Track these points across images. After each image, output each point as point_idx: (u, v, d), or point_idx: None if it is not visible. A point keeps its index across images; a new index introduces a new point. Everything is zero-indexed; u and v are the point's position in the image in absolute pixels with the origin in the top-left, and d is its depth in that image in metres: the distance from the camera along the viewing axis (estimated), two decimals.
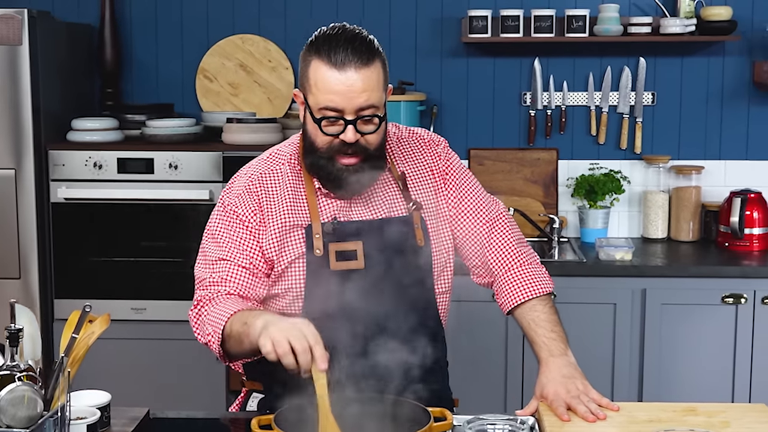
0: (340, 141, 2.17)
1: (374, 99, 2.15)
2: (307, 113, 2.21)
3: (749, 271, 3.87)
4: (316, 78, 2.15)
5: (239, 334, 2.07)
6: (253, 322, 2.03)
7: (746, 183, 4.33)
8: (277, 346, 1.90)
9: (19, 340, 1.82)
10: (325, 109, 2.15)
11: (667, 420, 2.13)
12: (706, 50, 4.35)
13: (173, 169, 3.91)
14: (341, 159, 2.19)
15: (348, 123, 2.14)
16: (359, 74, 2.12)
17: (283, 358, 1.89)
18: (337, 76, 2.12)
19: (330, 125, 2.16)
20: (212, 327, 2.14)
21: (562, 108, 4.38)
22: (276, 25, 4.44)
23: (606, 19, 4.18)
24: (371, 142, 2.19)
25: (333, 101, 2.13)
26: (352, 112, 2.14)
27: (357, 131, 2.15)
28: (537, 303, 2.33)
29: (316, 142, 2.20)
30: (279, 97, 4.43)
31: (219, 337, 2.12)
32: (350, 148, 2.17)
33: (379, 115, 2.17)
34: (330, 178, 2.22)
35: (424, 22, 4.41)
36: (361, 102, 2.13)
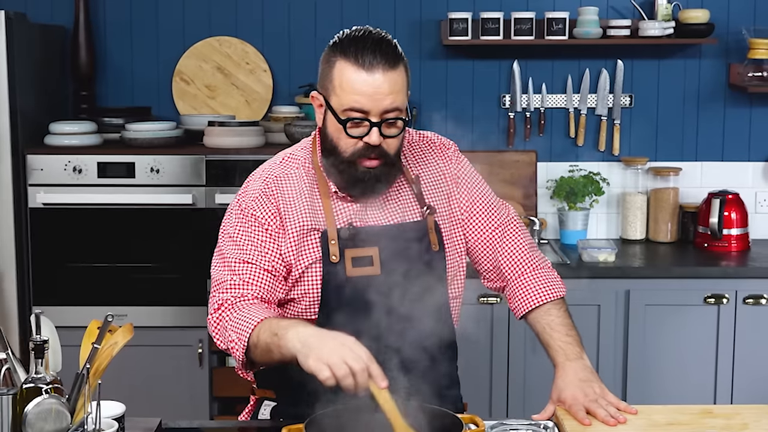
0: (363, 144, 2.15)
1: (399, 102, 2.14)
2: (329, 115, 2.19)
3: (730, 271, 3.91)
4: (341, 79, 2.13)
5: (267, 345, 2.03)
6: (284, 335, 1.99)
7: (722, 184, 4.38)
8: (336, 370, 1.86)
9: (44, 352, 1.77)
10: (351, 110, 2.13)
11: (686, 423, 2.14)
12: (683, 53, 4.39)
13: (155, 173, 3.86)
14: (363, 162, 2.17)
15: (373, 125, 2.13)
16: (386, 77, 2.11)
17: (343, 381, 1.86)
18: (364, 77, 2.11)
19: (354, 127, 2.14)
20: (237, 334, 2.10)
21: (540, 110, 4.40)
22: (253, 27, 4.40)
23: (585, 21, 4.20)
24: (392, 146, 2.18)
25: (359, 102, 2.12)
26: (378, 114, 2.13)
27: (381, 134, 2.14)
28: (551, 307, 2.33)
29: (338, 145, 2.18)
30: (257, 100, 4.39)
31: (244, 346, 2.08)
32: (373, 151, 2.15)
33: (403, 119, 2.16)
34: (350, 182, 2.20)
35: (402, 25, 4.40)
36: (387, 104, 2.12)
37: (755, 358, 3.89)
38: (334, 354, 1.87)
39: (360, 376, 1.86)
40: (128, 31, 4.41)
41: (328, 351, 1.89)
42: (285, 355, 1.98)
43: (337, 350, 1.88)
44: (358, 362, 1.86)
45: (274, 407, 2.32)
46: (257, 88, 4.40)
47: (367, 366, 1.87)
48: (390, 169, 2.22)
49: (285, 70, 4.42)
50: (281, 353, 1.99)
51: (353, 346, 1.90)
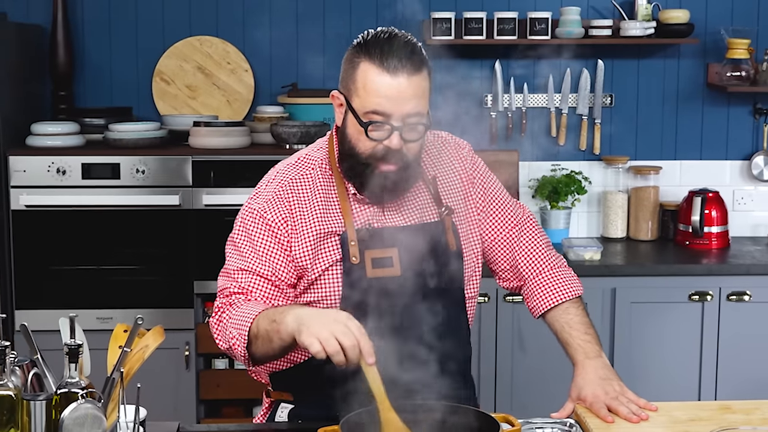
0: (383, 147, 2.13)
1: (421, 107, 2.13)
2: (349, 116, 2.17)
3: (714, 268, 3.96)
4: (365, 81, 2.12)
5: (267, 333, 2.03)
6: (282, 319, 1.99)
7: (701, 183, 4.43)
8: (326, 345, 1.87)
9: (79, 356, 1.74)
10: (373, 113, 2.11)
11: (707, 418, 2.16)
12: (662, 53, 4.43)
13: (140, 174, 3.82)
14: (381, 166, 2.16)
15: (395, 129, 2.11)
16: (410, 81, 2.10)
17: (334, 356, 1.88)
18: (388, 80, 2.09)
19: (376, 130, 2.13)
20: (236, 330, 2.09)
21: (522, 109, 4.41)
22: (234, 27, 4.37)
23: (567, 21, 4.23)
24: (412, 151, 2.17)
25: (381, 105, 2.10)
26: (400, 118, 2.11)
27: (402, 138, 2.12)
28: (569, 306, 2.34)
29: (357, 147, 2.16)
30: (239, 100, 4.36)
31: (245, 339, 2.07)
32: (393, 155, 2.14)
33: (424, 123, 2.14)
34: (368, 185, 2.19)
35: (384, 24, 4.37)
36: (410, 109, 2.11)
37: (739, 353, 3.94)
38: (325, 329, 1.89)
39: (350, 351, 1.88)
40: (107, 30, 4.36)
41: (320, 326, 1.90)
42: (284, 339, 1.99)
43: (329, 325, 1.90)
44: (348, 337, 1.88)
45: (292, 410, 2.30)
46: (239, 88, 4.37)
47: (357, 341, 1.88)
48: (408, 174, 2.20)
49: (266, 70, 4.39)
50: (281, 338, 2.00)
51: (346, 321, 1.91)
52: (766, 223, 4.48)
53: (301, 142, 3.87)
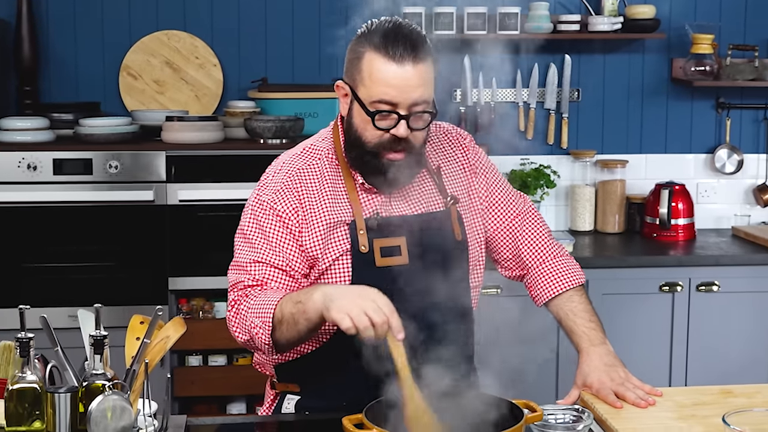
0: (390, 136, 2.14)
1: (427, 95, 2.14)
2: (355, 106, 2.17)
3: (684, 260, 4.03)
4: (371, 70, 2.12)
5: (293, 315, 2.04)
6: (308, 298, 2.01)
7: (666, 176, 4.50)
8: (357, 321, 1.90)
9: (104, 348, 1.72)
10: (380, 102, 2.12)
11: (711, 402, 2.20)
12: (628, 48, 4.49)
13: (113, 170, 3.77)
14: (387, 154, 2.16)
15: (401, 118, 2.12)
16: (416, 69, 2.10)
17: (364, 332, 1.90)
18: (395, 69, 2.09)
19: (382, 119, 2.13)
20: (258, 318, 2.09)
21: (491, 104, 4.44)
22: (202, 21, 4.33)
23: (536, 16, 4.27)
24: (418, 139, 2.18)
25: (388, 94, 2.10)
26: (406, 107, 2.12)
27: (408, 127, 2.13)
28: (573, 294, 2.36)
29: (363, 136, 2.16)
30: (207, 95, 4.33)
31: (269, 326, 2.07)
32: (399, 144, 2.14)
33: (431, 111, 2.15)
34: (375, 173, 2.19)
35: (354, 21, 4.37)
36: (416, 97, 2.11)
37: (708, 343, 4.01)
38: (356, 305, 1.91)
39: (380, 328, 1.91)
40: (72, 24, 4.29)
41: (349, 302, 1.93)
42: (311, 318, 2.00)
43: (359, 301, 1.92)
44: (378, 314, 1.90)
45: (298, 401, 2.29)
46: (207, 83, 4.33)
47: (387, 318, 1.91)
48: (414, 162, 2.21)
49: (235, 64, 4.36)
50: (307, 318, 2.01)
51: (376, 298, 1.94)
52: (728, 215, 4.57)
53: (276, 136, 3.86)
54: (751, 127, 4.57)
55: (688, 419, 2.10)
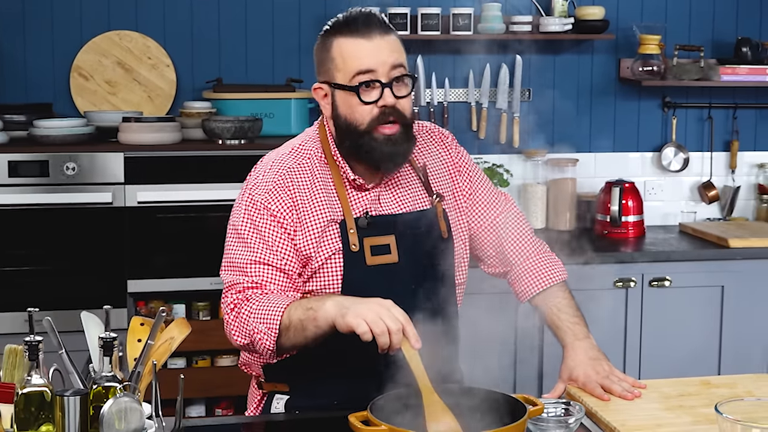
0: (379, 110, 2.17)
1: (402, 60, 2.20)
2: (338, 95, 2.21)
3: (637, 256, 4.11)
4: (342, 52, 2.18)
5: (301, 322, 2.06)
6: (320, 306, 2.03)
7: (615, 174, 4.58)
8: (374, 326, 1.93)
9: (113, 350, 1.71)
10: (358, 74, 2.16)
11: (696, 393, 2.26)
12: (577, 48, 4.57)
13: (70, 172, 3.72)
14: (383, 129, 2.18)
15: (384, 86, 2.16)
16: (383, 40, 2.18)
17: (380, 337, 1.93)
18: (364, 43, 2.16)
19: (366, 92, 2.17)
20: (263, 324, 2.10)
21: (444, 104, 4.48)
22: (155, 21, 4.29)
23: (489, 17, 4.31)
24: (406, 107, 2.21)
25: (364, 63, 2.16)
26: (386, 73, 2.16)
27: (394, 95, 2.17)
28: (557, 290, 2.41)
29: (354, 119, 2.19)
30: (161, 96, 4.29)
31: (276, 332, 2.08)
32: (390, 114, 2.18)
33: (410, 75, 2.20)
34: (374, 155, 2.20)
35: (308, 20, 4.39)
36: (392, 61, 2.17)
37: (661, 337, 4.10)
38: (372, 311, 1.95)
39: (395, 335, 1.94)
40: (21, 24, 4.22)
41: (367, 308, 1.97)
42: (320, 326, 2.03)
43: (375, 309, 1.96)
44: (394, 322, 1.94)
45: (288, 400, 2.29)
46: (160, 84, 4.29)
47: (403, 326, 1.94)
48: (407, 134, 2.23)
49: (188, 65, 4.33)
50: (317, 325, 2.04)
51: (391, 307, 1.97)
52: (675, 212, 4.67)
53: (235, 137, 3.84)
54: (696, 126, 4.68)
55: (675, 410, 2.15)
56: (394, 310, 1.95)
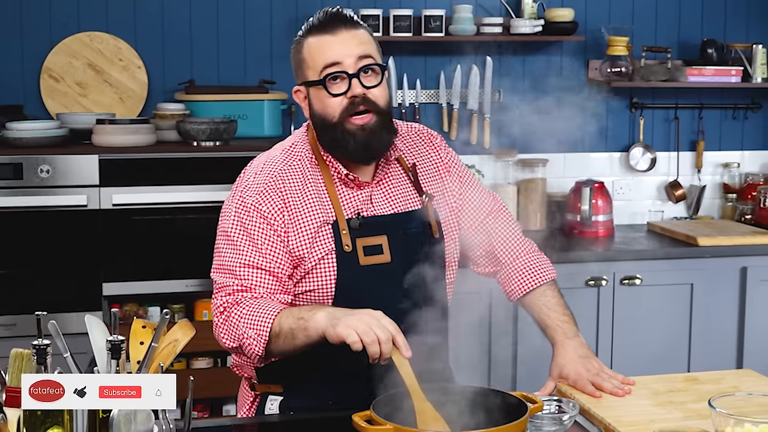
0: (349, 100, 2.19)
1: (371, 50, 2.22)
2: (311, 93, 2.24)
3: (608, 255, 4.16)
4: (310, 50, 2.21)
5: (292, 330, 2.08)
6: (311, 317, 2.06)
7: (583, 174, 4.64)
8: (364, 336, 1.96)
9: (121, 352, 1.70)
10: (325, 67, 2.18)
11: (684, 389, 2.29)
12: (546, 50, 4.62)
13: (45, 174, 3.69)
14: (354, 119, 2.20)
15: (351, 76, 2.18)
16: (350, 33, 2.20)
17: (370, 346, 1.96)
18: (329, 38, 2.19)
19: (334, 84, 2.19)
20: (253, 330, 2.11)
21: (415, 105, 4.50)
22: (125, 23, 4.27)
23: (461, 19, 4.35)
24: (378, 97, 2.22)
25: (330, 57, 2.18)
26: (352, 64, 2.18)
27: (362, 85, 2.19)
28: (546, 289, 2.44)
29: (326, 113, 2.21)
30: (132, 97, 4.27)
31: (266, 338, 2.10)
32: (360, 104, 2.20)
33: (379, 64, 2.22)
34: (348, 146, 2.22)
35: (279, 21, 4.39)
36: (359, 52, 2.19)
37: (632, 334, 4.16)
38: (362, 322, 1.99)
39: (385, 344, 1.97)
40: None
41: (357, 319, 2.00)
42: (311, 335, 2.06)
43: (365, 319, 1.99)
44: (384, 332, 1.97)
45: (282, 401, 2.30)
46: (132, 85, 4.27)
47: (393, 336, 1.98)
48: (383, 123, 2.24)
49: (159, 66, 4.32)
50: (307, 335, 2.06)
51: (381, 318, 2.00)
52: (643, 211, 4.74)
53: (210, 138, 3.84)
54: (662, 126, 4.75)
55: (666, 405, 2.19)
56: (383, 321, 1.98)
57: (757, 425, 1.94)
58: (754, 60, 4.58)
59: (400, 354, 1.97)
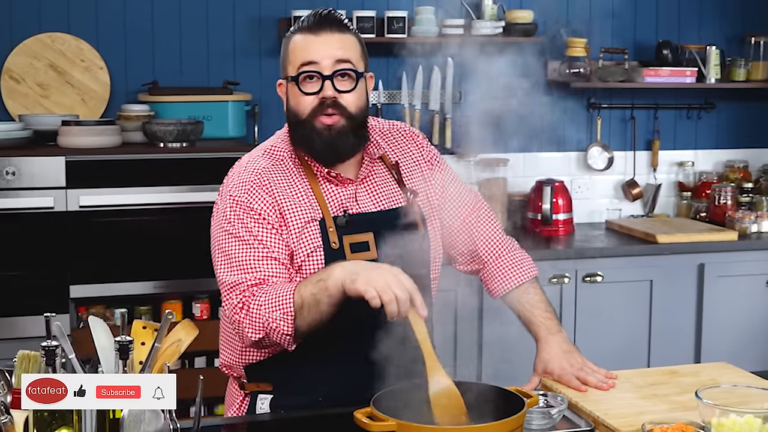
0: (319, 100, 2.22)
1: (351, 55, 2.25)
2: (288, 87, 2.27)
3: (570, 252, 4.23)
4: (294, 47, 2.25)
5: (314, 296, 2.08)
6: (329, 275, 2.07)
7: (543, 173, 4.70)
8: (383, 294, 1.97)
9: (129, 353, 1.71)
10: (302, 65, 2.22)
11: (664, 382, 2.35)
12: (506, 50, 4.66)
13: (10, 176, 3.65)
14: (322, 118, 2.23)
15: (324, 78, 2.21)
16: (333, 36, 2.23)
17: (388, 305, 1.98)
18: (312, 38, 2.23)
19: (307, 83, 2.22)
20: (277, 311, 2.11)
21: (378, 106, 4.54)
22: (87, 24, 4.24)
23: (423, 20, 4.39)
24: (350, 102, 2.25)
25: (308, 56, 2.22)
26: (329, 66, 2.21)
27: (335, 88, 2.21)
28: (529, 286, 2.48)
29: (298, 110, 2.25)
30: (94, 99, 4.24)
31: (291, 314, 2.10)
32: (329, 106, 2.22)
33: (356, 70, 2.24)
34: (314, 146, 2.25)
35: (242, 22, 4.40)
36: (339, 55, 2.22)
37: (595, 330, 4.23)
38: (381, 279, 1.99)
39: (403, 303, 1.99)
40: None
41: (377, 276, 2.00)
42: (333, 294, 2.06)
43: (384, 276, 2.00)
44: (402, 291, 1.99)
45: (273, 399, 2.31)
46: (94, 86, 4.24)
47: (410, 295, 1.99)
48: (352, 128, 2.26)
49: (121, 67, 4.29)
50: (329, 294, 2.06)
51: (399, 274, 2.02)
52: (601, 210, 4.82)
53: (177, 140, 3.83)
54: (619, 126, 4.84)
55: (650, 398, 2.25)
56: (402, 278, 1.99)
57: (742, 416, 2.01)
58: (708, 61, 4.68)
59: (417, 313, 1.99)
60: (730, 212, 4.54)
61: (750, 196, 4.66)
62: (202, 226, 3.81)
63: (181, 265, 3.87)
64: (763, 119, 5.00)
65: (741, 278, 4.36)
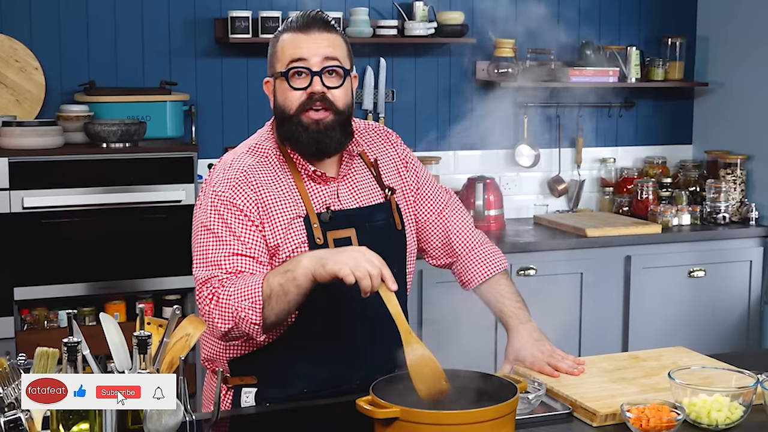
0: (307, 96, 2.29)
1: (338, 54, 2.33)
2: (276, 84, 2.33)
3: (504, 247, 4.32)
4: (282, 45, 2.32)
5: (281, 286, 2.14)
6: (296, 266, 2.14)
7: (473, 170, 4.82)
8: (355, 270, 2.07)
9: (147, 348, 1.75)
10: (291, 62, 2.29)
11: (630, 366, 2.48)
12: (437, 51, 4.78)
13: None
14: (310, 113, 2.30)
15: (313, 74, 2.28)
16: (322, 35, 2.31)
17: (362, 280, 2.07)
18: (302, 36, 2.31)
19: (296, 78, 2.29)
20: (246, 300, 2.16)
21: None
22: (21, 24, 4.20)
23: (358, 21, 4.46)
24: (338, 98, 2.33)
25: (297, 53, 2.29)
26: (317, 63, 2.29)
27: (323, 84, 2.29)
28: (500, 278, 2.58)
29: (285, 105, 2.31)
30: (29, 99, 4.19)
31: (260, 303, 2.15)
32: (317, 101, 2.29)
33: (344, 67, 2.32)
34: (301, 139, 2.31)
35: (177, 22, 4.40)
36: (327, 53, 2.30)
37: None
38: (351, 258, 2.10)
39: (375, 278, 2.09)
40: None
41: (346, 256, 2.10)
42: (301, 284, 2.13)
43: (353, 255, 2.11)
44: (372, 266, 2.09)
45: (257, 392, 2.36)
46: (29, 87, 4.20)
47: (380, 270, 2.08)
48: (339, 123, 2.34)
49: (57, 68, 4.26)
50: (297, 285, 2.13)
51: (366, 252, 2.12)
52: (528, 205, 4.96)
53: (121, 140, 3.84)
54: (545, 124, 4.99)
55: (619, 382, 2.36)
56: (369, 255, 2.09)
57: (712, 395, 2.14)
58: (628, 61, 4.87)
59: (387, 287, 2.08)
60: (653, 206, 4.73)
61: (669, 191, 4.86)
62: (146, 226, 3.84)
63: (124, 265, 3.87)
64: (679, 117, 5.22)
65: (665, 269, 4.55)
